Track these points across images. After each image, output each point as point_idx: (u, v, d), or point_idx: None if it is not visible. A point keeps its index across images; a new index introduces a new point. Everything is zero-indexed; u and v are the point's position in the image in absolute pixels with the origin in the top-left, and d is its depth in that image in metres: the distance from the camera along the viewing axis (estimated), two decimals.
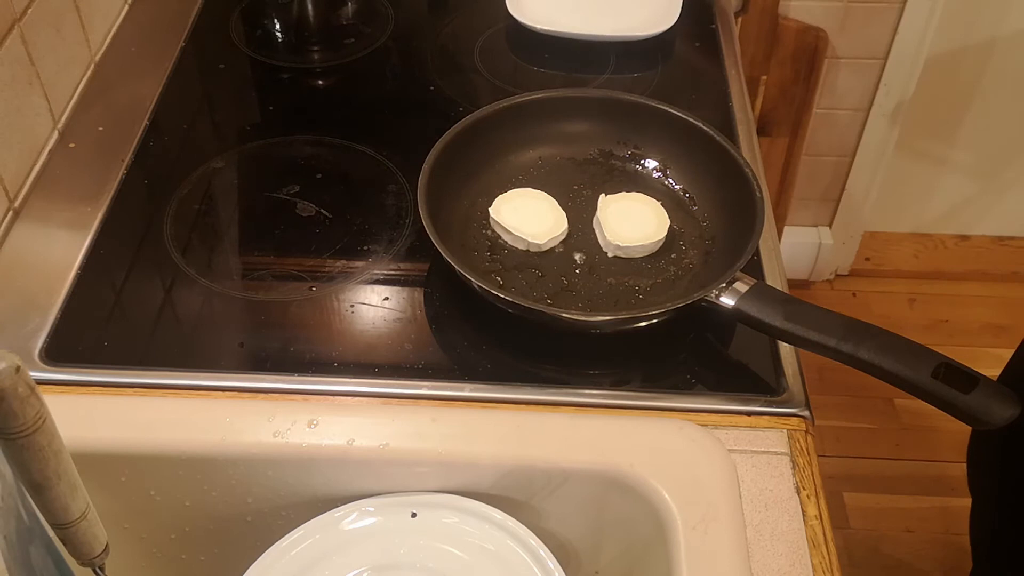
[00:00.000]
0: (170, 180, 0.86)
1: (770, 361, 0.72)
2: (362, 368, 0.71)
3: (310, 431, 0.66)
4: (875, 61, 1.69)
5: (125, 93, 0.95)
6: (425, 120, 0.94)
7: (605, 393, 0.70)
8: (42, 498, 0.49)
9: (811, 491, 0.64)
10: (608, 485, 0.64)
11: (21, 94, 0.82)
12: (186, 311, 0.77)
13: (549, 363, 0.73)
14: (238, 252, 0.82)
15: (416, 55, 1.06)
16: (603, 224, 0.79)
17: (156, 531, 0.70)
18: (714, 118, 0.89)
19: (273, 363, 0.72)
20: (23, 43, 0.82)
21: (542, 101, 0.86)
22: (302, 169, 0.89)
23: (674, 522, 0.61)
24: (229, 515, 0.69)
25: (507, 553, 0.63)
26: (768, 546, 0.61)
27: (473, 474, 0.65)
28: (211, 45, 1.03)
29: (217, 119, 0.98)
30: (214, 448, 0.65)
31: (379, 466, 0.66)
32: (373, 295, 0.77)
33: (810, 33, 1.67)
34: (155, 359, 0.72)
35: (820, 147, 1.81)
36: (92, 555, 0.53)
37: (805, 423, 0.68)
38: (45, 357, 0.71)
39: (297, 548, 0.64)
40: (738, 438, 0.67)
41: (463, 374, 0.71)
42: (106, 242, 0.80)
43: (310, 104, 0.99)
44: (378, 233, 0.82)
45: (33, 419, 0.45)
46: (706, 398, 0.70)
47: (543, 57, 1.02)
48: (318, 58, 1.05)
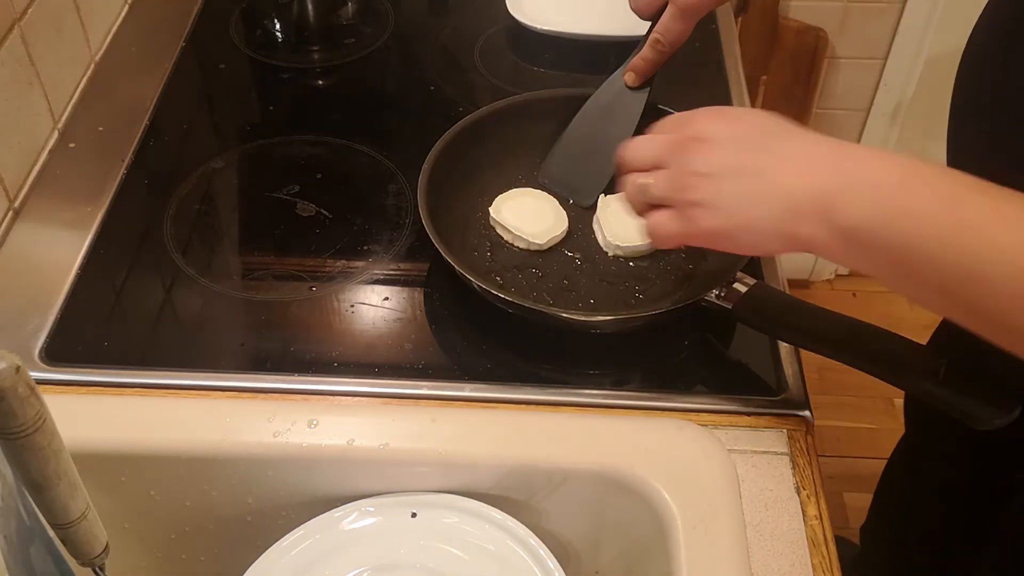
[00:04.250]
0: (170, 180, 0.86)
1: (770, 361, 0.72)
2: (362, 368, 0.71)
3: (310, 431, 0.66)
4: (875, 61, 1.69)
5: (125, 93, 0.95)
6: (425, 120, 0.94)
7: (605, 393, 0.70)
8: (42, 498, 0.49)
9: (811, 491, 0.64)
10: (608, 485, 0.64)
11: (21, 94, 0.82)
12: (186, 311, 0.77)
13: (549, 363, 0.73)
14: (238, 252, 0.82)
15: (416, 55, 1.06)
16: (603, 224, 0.79)
17: (156, 531, 0.70)
18: None
19: (273, 363, 0.72)
20: (23, 43, 0.82)
21: (542, 101, 0.86)
22: (302, 169, 0.89)
23: (674, 522, 0.61)
24: (229, 515, 0.69)
25: (507, 553, 0.63)
26: (768, 546, 0.61)
27: (473, 474, 0.65)
28: (211, 45, 1.03)
29: (217, 119, 0.98)
30: (214, 448, 0.65)
31: (379, 466, 0.66)
32: (373, 295, 0.77)
33: (810, 33, 1.67)
34: (155, 359, 0.72)
35: None
36: (92, 555, 0.53)
37: (805, 423, 0.68)
38: (45, 357, 0.71)
39: (297, 548, 0.64)
40: (738, 438, 0.67)
41: (463, 374, 0.71)
42: (106, 242, 0.80)
43: (310, 104, 0.99)
44: (378, 233, 0.82)
45: (33, 419, 0.45)
46: (706, 398, 0.70)
47: (543, 57, 1.02)
48: (318, 58, 1.05)
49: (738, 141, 0.58)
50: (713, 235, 0.58)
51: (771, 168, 0.55)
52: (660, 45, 0.77)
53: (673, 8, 0.76)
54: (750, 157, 0.56)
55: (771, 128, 0.58)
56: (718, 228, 0.58)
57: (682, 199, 0.59)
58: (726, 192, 0.57)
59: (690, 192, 0.58)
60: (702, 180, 0.58)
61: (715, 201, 0.57)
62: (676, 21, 0.76)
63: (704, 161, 0.58)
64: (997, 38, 0.72)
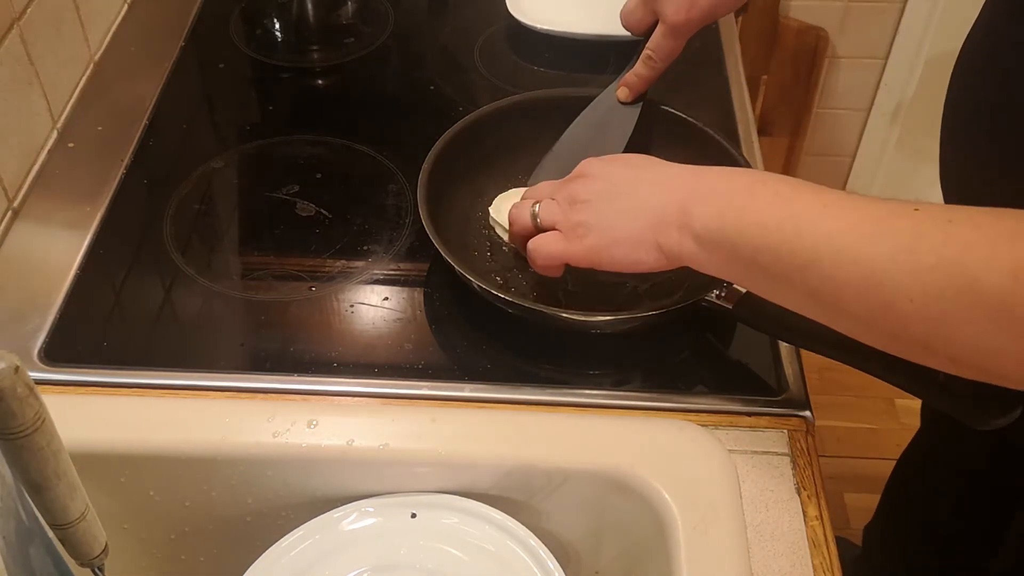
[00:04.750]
0: (170, 180, 0.86)
1: (771, 361, 0.72)
2: (362, 368, 0.71)
3: (310, 431, 0.66)
4: (875, 61, 1.69)
5: (125, 93, 0.94)
6: (425, 120, 0.94)
7: (605, 393, 0.70)
8: (41, 499, 0.48)
9: (812, 491, 0.64)
10: (608, 485, 0.64)
11: (20, 94, 0.82)
12: (186, 311, 0.77)
13: (549, 363, 0.72)
14: (238, 252, 0.82)
15: (416, 55, 1.06)
16: None
17: (155, 532, 0.70)
18: (714, 118, 0.89)
19: (273, 363, 0.72)
20: (22, 43, 0.82)
21: (542, 101, 0.86)
22: (302, 169, 0.89)
23: (674, 522, 0.61)
24: (229, 515, 0.69)
25: (507, 553, 0.62)
26: (769, 547, 0.61)
27: (473, 474, 0.65)
28: (211, 45, 1.03)
29: (217, 119, 0.98)
30: (214, 448, 0.65)
31: (379, 466, 0.65)
32: (373, 295, 0.77)
33: (810, 33, 1.67)
34: (154, 359, 0.72)
35: (820, 147, 1.81)
36: (91, 556, 0.53)
37: (806, 423, 0.68)
38: (44, 357, 0.71)
39: (297, 548, 0.64)
40: (739, 438, 0.67)
41: (463, 374, 0.71)
42: (105, 242, 0.80)
43: (310, 104, 0.99)
44: (378, 233, 0.82)
45: (32, 419, 0.45)
46: (706, 398, 0.70)
47: (543, 57, 1.02)
48: (318, 58, 1.05)
49: (615, 174, 0.66)
50: (592, 251, 0.65)
51: (641, 190, 0.64)
52: (652, 62, 0.80)
53: (663, 26, 0.77)
54: (624, 185, 0.65)
55: (643, 162, 0.67)
56: (596, 244, 0.65)
57: (565, 221, 0.66)
58: (603, 212, 0.65)
59: (573, 215, 0.66)
60: (583, 205, 0.66)
61: (594, 221, 0.65)
62: (667, 39, 0.79)
63: (584, 190, 0.66)
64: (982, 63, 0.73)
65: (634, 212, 0.63)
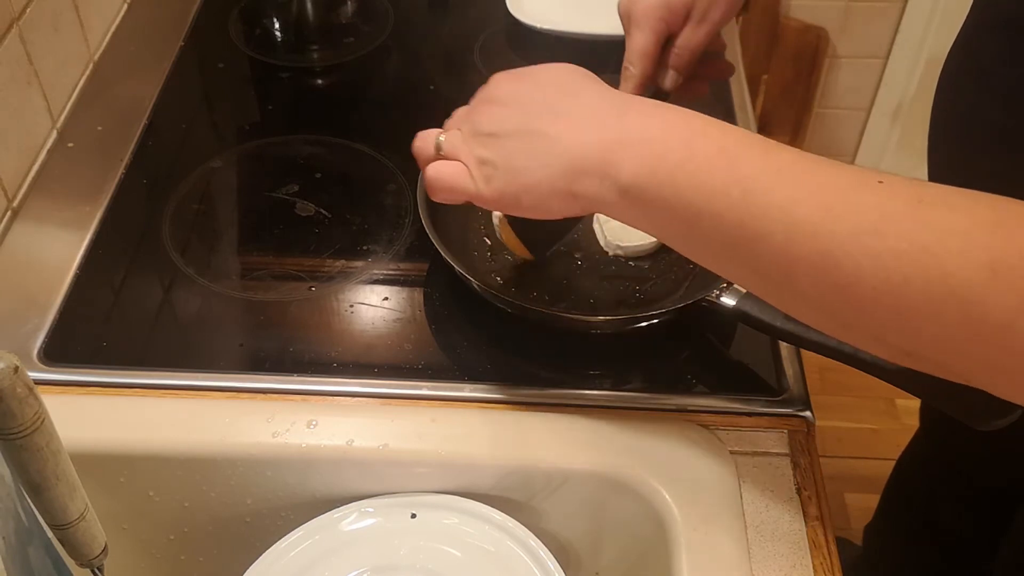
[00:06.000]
0: (169, 180, 0.86)
1: (771, 361, 0.72)
2: (362, 368, 0.71)
3: (309, 431, 0.66)
4: (876, 60, 1.69)
5: (124, 92, 0.94)
6: (425, 120, 0.94)
7: (605, 393, 0.70)
8: (41, 499, 0.48)
9: (812, 492, 0.64)
10: (608, 485, 0.64)
11: (20, 93, 0.82)
12: (185, 311, 0.77)
13: (549, 363, 0.72)
14: (237, 252, 0.82)
15: (416, 55, 1.05)
16: (603, 224, 0.79)
17: (155, 532, 0.70)
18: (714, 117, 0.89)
19: (272, 363, 0.72)
20: (22, 42, 0.82)
21: None
22: (301, 169, 0.89)
23: (675, 523, 0.61)
24: (228, 516, 0.68)
25: (507, 554, 0.62)
26: (769, 547, 0.61)
27: (473, 475, 0.65)
28: (210, 44, 1.03)
29: (216, 119, 0.98)
30: (213, 448, 0.65)
31: (379, 467, 0.65)
32: (373, 295, 0.77)
33: (811, 32, 1.67)
34: (154, 359, 0.72)
35: (821, 146, 1.81)
36: (91, 556, 0.53)
37: (806, 423, 0.68)
38: (43, 357, 0.71)
39: (296, 549, 0.64)
40: (739, 438, 0.67)
41: (463, 374, 0.71)
42: (105, 242, 0.80)
43: (310, 104, 0.99)
44: (378, 233, 0.82)
45: (31, 419, 0.44)
46: (707, 398, 0.69)
47: (543, 57, 1.01)
48: (317, 57, 1.05)
49: (525, 103, 0.58)
50: (499, 196, 0.58)
51: (554, 128, 0.55)
52: (628, 72, 0.76)
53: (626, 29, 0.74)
54: (536, 118, 0.56)
55: (563, 84, 0.58)
56: (503, 190, 0.57)
57: (470, 155, 0.59)
58: (510, 152, 0.57)
59: (479, 148, 0.58)
60: (489, 139, 0.58)
61: (500, 162, 0.57)
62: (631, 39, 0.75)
63: (490, 122, 0.58)
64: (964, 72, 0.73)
65: (547, 155, 0.55)
